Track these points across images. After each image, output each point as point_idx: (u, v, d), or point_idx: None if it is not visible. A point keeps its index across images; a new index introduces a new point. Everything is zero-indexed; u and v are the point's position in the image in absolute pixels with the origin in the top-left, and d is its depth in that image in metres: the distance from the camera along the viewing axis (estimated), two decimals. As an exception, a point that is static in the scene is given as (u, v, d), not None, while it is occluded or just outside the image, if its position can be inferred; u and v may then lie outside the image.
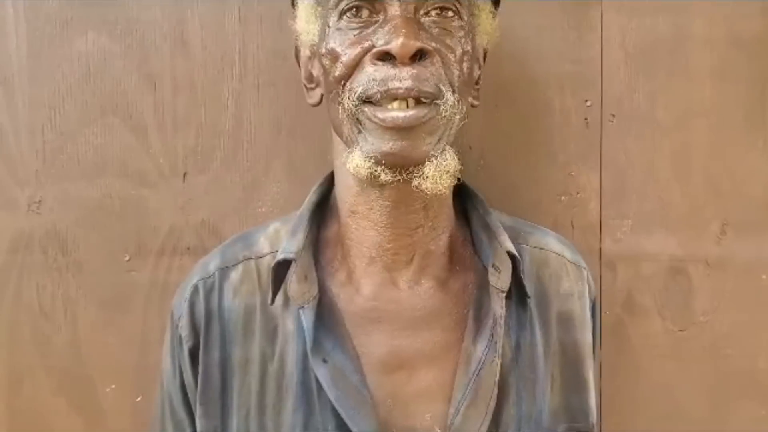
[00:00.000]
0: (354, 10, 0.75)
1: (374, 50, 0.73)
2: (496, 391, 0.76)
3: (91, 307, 1.00)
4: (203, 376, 0.80)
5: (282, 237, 0.83)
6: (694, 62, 1.01)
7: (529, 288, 0.81)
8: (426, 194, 0.74)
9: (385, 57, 0.72)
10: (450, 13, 0.76)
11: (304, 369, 0.77)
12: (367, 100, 0.73)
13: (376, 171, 0.72)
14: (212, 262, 0.84)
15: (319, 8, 0.79)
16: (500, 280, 0.79)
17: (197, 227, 1.00)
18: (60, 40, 0.99)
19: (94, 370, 1.01)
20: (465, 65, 0.76)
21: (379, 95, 0.72)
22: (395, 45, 0.70)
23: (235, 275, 0.82)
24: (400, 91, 0.71)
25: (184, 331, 0.81)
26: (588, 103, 1.01)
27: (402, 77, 0.71)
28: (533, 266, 0.84)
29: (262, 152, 1.01)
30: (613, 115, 1.01)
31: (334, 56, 0.75)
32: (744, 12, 1.01)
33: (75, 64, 1.00)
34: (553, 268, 0.85)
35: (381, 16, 0.74)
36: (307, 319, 0.77)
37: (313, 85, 0.83)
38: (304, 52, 0.83)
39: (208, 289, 0.82)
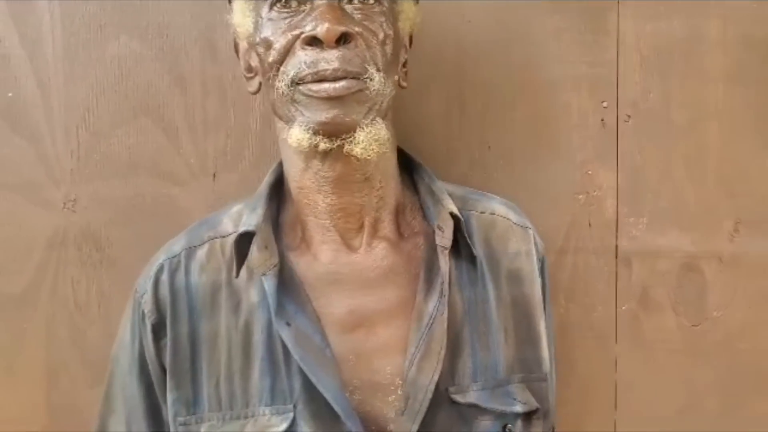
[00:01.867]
0: (283, 1, 0.81)
1: (303, 36, 0.79)
2: (445, 341, 0.82)
3: (124, 302, 1.02)
4: (172, 350, 0.84)
5: (244, 216, 0.88)
6: (707, 64, 1.04)
7: (479, 249, 0.87)
8: (359, 161, 0.81)
9: (313, 42, 0.79)
10: (371, 1, 0.82)
11: (269, 335, 0.83)
12: (299, 82, 0.79)
13: (314, 140, 0.79)
14: (178, 243, 0.89)
15: (252, 2, 0.85)
16: (444, 238, 0.85)
17: (226, 225, 1.03)
18: (94, 44, 1.03)
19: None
20: (388, 48, 0.82)
21: (309, 77, 0.79)
22: (321, 30, 0.77)
23: (201, 253, 0.87)
24: (328, 71, 0.78)
25: (147, 306, 0.86)
26: (604, 104, 1.04)
27: (329, 59, 0.78)
28: (481, 230, 0.89)
29: (288, 152, 1.04)
30: (629, 116, 1.04)
31: (268, 44, 0.82)
32: (757, 14, 1.04)
33: (108, 66, 1.03)
34: (499, 230, 0.90)
35: (308, 6, 0.80)
36: (270, 284, 0.82)
37: (252, 75, 0.89)
38: (242, 45, 0.89)
39: (174, 268, 0.87)
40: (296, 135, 0.80)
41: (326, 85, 0.78)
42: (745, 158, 1.04)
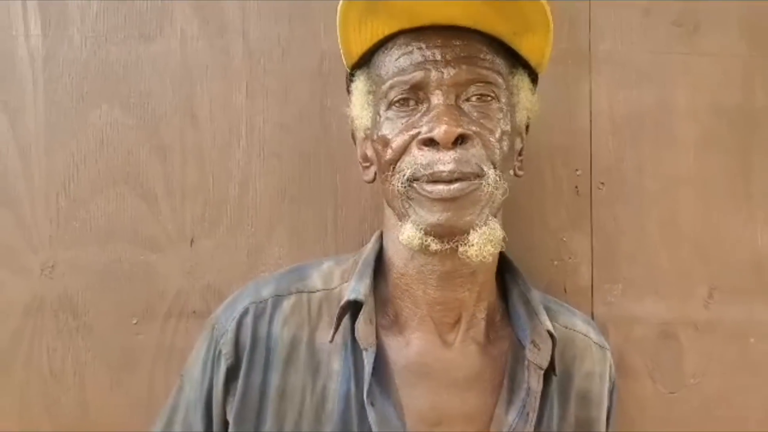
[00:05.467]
0: (402, 101, 0.81)
1: (419, 137, 0.79)
2: None
3: (99, 369, 1.04)
4: (241, 398, 0.83)
5: (335, 276, 0.87)
6: (678, 132, 1.06)
7: (557, 366, 0.85)
8: (471, 262, 0.79)
9: (430, 143, 0.78)
10: (489, 98, 0.81)
11: (346, 409, 0.81)
12: (414, 180, 0.79)
13: (426, 241, 0.78)
14: (266, 289, 0.87)
15: (371, 96, 0.85)
16: (540, 357, 0.83)
17: (203, 291, 1.04)
18: (75, 113, 1.04)
19: (101, 431, 1.03)
20: (505, 143, 0.81)
21: (425, 178, 0.78)
22: (438, 132, 0.77)
23: (287, 305, 0.85)
24: (444, 174, 0.77)
25: (226, 347, 0.84)
26: (578, 172, 1.06)
27: (445, 161, 0.77)
28: (559, 344, 0.87)
29: (265, 219, 1.05)
30: (603, 183, 1.06)
31: (385, 142, 0.81)
32: (725, 83, 1.06)
33: (89, 134, 1.05)
34: (578, 348, 0.89)
35: (425, 105, 0.80)
36: (369, 362, 0.80)
37: (367, 164, 0.89)
38: (359, 135, 0.89)
39: (259, 314, 0.85)
40: (407, 233, 0.79)
41: (441, 187, 0.77)
42: (718, 224, 1.06)
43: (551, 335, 0.83)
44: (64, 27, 1.04)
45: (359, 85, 0.87)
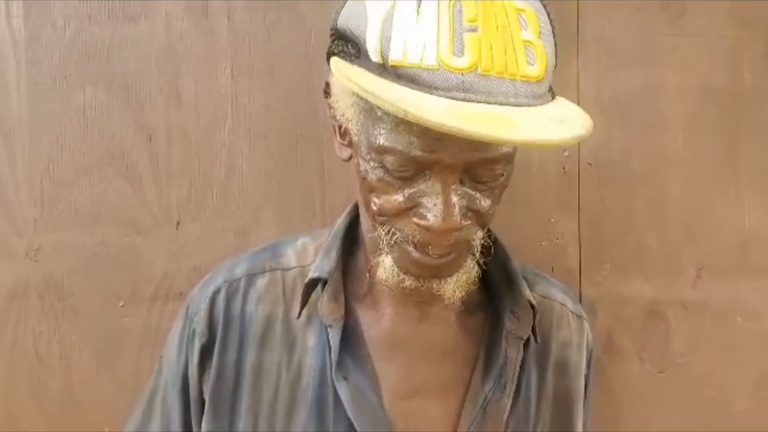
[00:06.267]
0: (400, 172, 0.71)
1: (416, 220, 0.72)
2: (502, 429, 0.80)
3: (85, 353, 1.03)
4: (216, 377, 0.82)
5: (309, 253, 0.86)
6: (667, 113, 1.06)
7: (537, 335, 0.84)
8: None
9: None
10: (500, 176, 0.73)
11: (321, 384, 0.80)
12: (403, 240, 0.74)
13: (402, 280, 0.76)
14: (239, 267, 0.86)
15: (359, 109, 0.73)
16: (519, 327, 0.82)
17: (189, 273, 1.03)
18: (59, 94, 1.03)
19: (88, 414, 1.03)
20: (500, 197, 0.76)
21: (415, 249, 0.73)
22: (438, 227, 0.70)
23: (261, 283, 0.84)
24: (435, 257, 0.73)
25: (200, 326, 0.83)
26: (566, 153, 1.05)
27: (441, 245, 0.72)
28: (537, 313, 0.85)
29: (252, 201, 1.04)
30: (590, 164, 1.05)
31: (372, 189, 0.73)
32: (713, 63, 1.06)
33: (73, 117, 1.03)
34: (555, 317, 0.88)
35: (425, 177, 0.71)
36: (334, 338, 0.79)
37: (345, 142, 0.79)
38: (339, 114, 0.77)
39: (232, 292, 0.84)
40: (386, 271, 0.76)
41: (429, 260, 0.73)
42: (706, 204, 1.06)
43: (531, 305, 0.82)
44: (47, 8, 1.03)
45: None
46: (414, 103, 0.64)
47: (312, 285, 0.82)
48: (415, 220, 0.72)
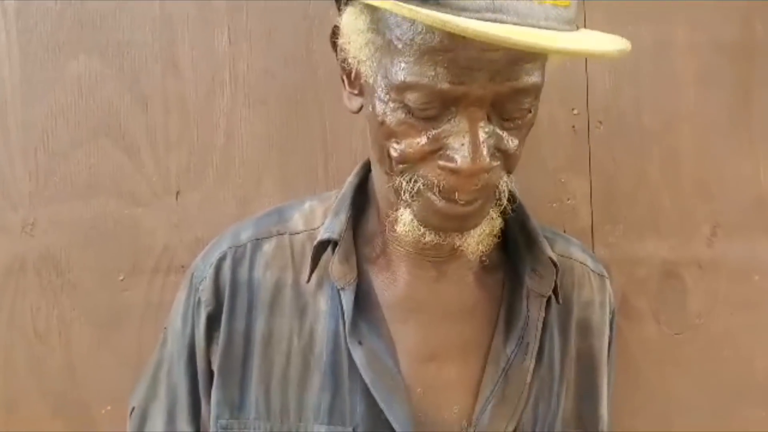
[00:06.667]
0: (424, 110, 0.67)
1: (443, 162, 0.68)
2: (526, 393, 0.77)
3: (85, 328, 1.00)
4: (224, 346, 0.79)
5: (317, 216, 0.82)
6: (677, 68, 1.03)
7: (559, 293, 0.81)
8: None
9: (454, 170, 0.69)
10: (527, 113, 0.70)
11: (335, 349, 0.77)
12: (426, 188, 0.70)
13: (423, 234, 0.72)
14: (245, 232, 0.83)
15: (373, 48, 0.69)
16: (541, 285, 0.79)
17: (191, 245, 1.00)
18: (52, 64, 1.00)
19: (89, 392, 1.00)
20: (526, 138, 0.72)
21: (440, 196, 0.70)
22: (466, 168, 0.67)
23: (267, 248, 0.81)
24: (461, 202, 0.70)
25: (205, 294, 0.80)
26: (575, 111, 1.02)
27: (467, 190, 0.69)
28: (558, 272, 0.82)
29: (253, 168, 1.02)
30: (600, 122, 1.03)
31: (390, 135, 0.69)
32: (725, 17, 1.03)
33: (67, 86, 1.01)
34: (576, 276, 0.85)
35: (451, 115, 0.67)
36: (347, 301, 0.76)
37: (355, 91, 0.76)
38: (352, 59, 0.73)
39: (238, 258, 0.81)
40: (405, 222, 0.72)
41: (456, 208, 0.70)
42: (719, 161, 1.03)
43: (554, 262, 0.79)
44: (37, -24, 1.00)
45: (354, 20, 0.72)
46: (448, 18, 0.60)
47: (322, 247, 0.78)
48: (441, 162, 0.68)
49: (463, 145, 0.67)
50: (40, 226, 1.00)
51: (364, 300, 0.78)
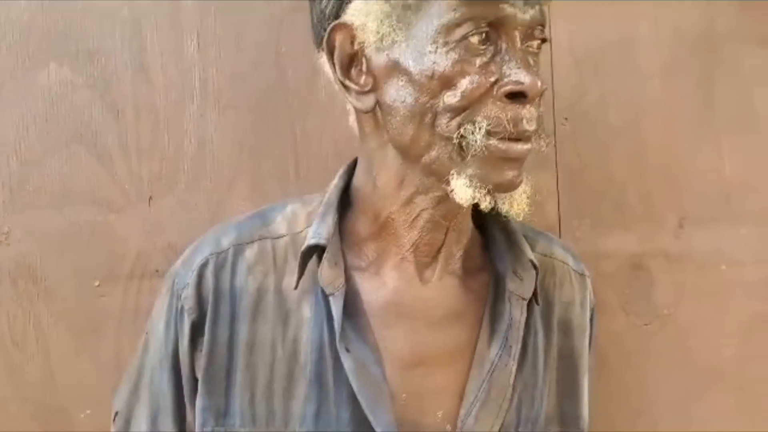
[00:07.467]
0: (477, 39, 0.70)
1: (505, 88, 0.70)
2: (509, 394, 0.78)
3: (63, 335, 1.01)
4: (209, 354, 0.78)
5: (300, 219, 0.82)
6: (641, 62, 1.05)
7: (539, 295, 0.82)
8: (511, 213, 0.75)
9: (516, 95, 0.70)
10: (544, 42, 0.74)
11: (320, 358, 0.77)
12: (490, 134, 0.70)
13: (482, 198, 0.72)
14: (226, 238, 0.81)
15: (401, 12, 0.71)
16: (523, 287, 0.80)
17: (165, 250, 1.01)
18: (22, 73, 1.01)
19: (68, 398, 1.01)
20: None
21: (507, 134, 0.70)
22: (531, 86, 0.69)
23: (250, 253, 0.80)
24: (527, 133, 0.71)
25: (189, 302, 0.79)
26: (540, 109, 1.03)
27: (530, 119, 0.71)
28: (539, 273, 0.82)
29: (225, 173, 1.03)
30: (566, 119, 1.04)
31: (446, 82, 0.70)
32: (687, 10, 1.05)
33: (38, 95, 1.01)
34: (557, 276, 0.86)
35: (496, 47, 0.71)
36: (337, 307, 0.75)
37: (366, 88, 0.75)
38: (368, 48, 0.74)
39: (220, 265, 0.79)
40: (464, 190, 0.71)
41: (518, 147, 0.71)
42: (685, 153, 1.05)
43: (534, 265, 0.80)
44: (4, -14, 1.01)
45: (366, 3, 0.72)
46: None
47: (309, 252, 0.78)
48: (507, 89, 0.69)
49: (519, 68, 0.70)
50: (15, 235, 1.01)
51: (350, 306, 0.77)
